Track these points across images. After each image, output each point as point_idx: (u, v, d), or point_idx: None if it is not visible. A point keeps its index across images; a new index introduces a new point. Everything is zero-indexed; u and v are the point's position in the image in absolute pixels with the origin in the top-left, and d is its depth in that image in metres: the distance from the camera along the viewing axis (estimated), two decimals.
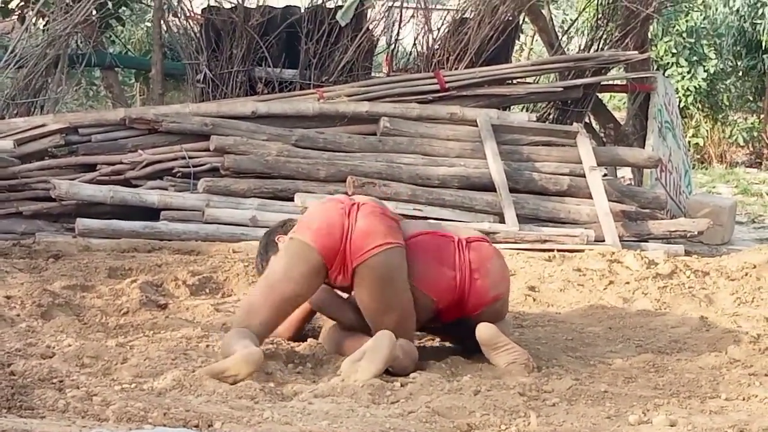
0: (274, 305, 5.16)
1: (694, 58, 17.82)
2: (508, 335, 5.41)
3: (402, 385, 4.75)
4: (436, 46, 11.03)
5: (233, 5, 10.79)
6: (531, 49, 18.56)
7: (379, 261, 5.16)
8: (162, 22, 10.97)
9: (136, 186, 9.05)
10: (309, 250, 5.17)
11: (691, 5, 17.20)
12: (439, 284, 5.34)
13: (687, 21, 17.76)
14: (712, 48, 18.04)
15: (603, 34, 11.72)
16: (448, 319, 5.49)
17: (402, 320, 5.25)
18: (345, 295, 5.51)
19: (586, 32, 13.00)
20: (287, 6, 11.31)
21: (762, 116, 19.30)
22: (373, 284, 5.20)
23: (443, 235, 5.50)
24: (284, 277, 5.17)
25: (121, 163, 9.11)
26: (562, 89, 10.98)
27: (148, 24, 14.91)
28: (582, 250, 8.81)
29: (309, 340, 5.61)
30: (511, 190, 9.39)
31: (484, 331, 5.26)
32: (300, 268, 5.17)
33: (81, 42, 11.11)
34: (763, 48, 18.35)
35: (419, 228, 5.58)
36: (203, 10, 11.11)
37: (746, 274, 7.94)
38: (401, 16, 11.55)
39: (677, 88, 16.98)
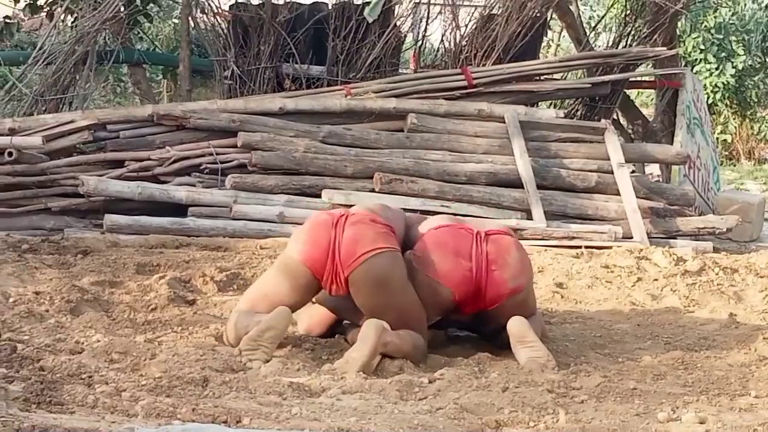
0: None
1: (723, 54, 17.72)
2: (538, 333, 5.41)
3: (430, 382, 4.76)
4: (464, 43, 11.01)
5: (261, 2, 10.80)
6: (558, 45, 18.48)
7: (370, 267, 5.23)
8: (189, 18, 11.00)
9: (163, 182, 9.06)
10: (295, 264, 5.31)
11: (719, 1, 17.11)
12: (455, 275, 5.38)
13: (715, 17, 17.68)
14: (741, 44, 17.94)
15: (631, 30, 11.68)
16: (469, 312, 5.54)
17: (404, 319, 5.30)
18: None
19: (614, 28, 12.93)
20: (315, 2, 11.31)
21: None
22: (367, 290, 5.27)
23: (462, 227, 5.56)
24: (272, 289, 5.38)
25: (149, 159, 9.12)
26: (590, 85, 10.95)
27: (176, 20, 14.97)
28: (610, 247, 8.78)
29: (336, 336, 5.62)
30: (539, 187, 9.37)
31: (515, 324, 5.33)
32: (287, 283, 5.33)
33: (109, 39, 11.15)
34: None
35: (440, 221, 5.65)
36: (231, 6, 11.12)
37: None
38: (428, 12, 11.53)
39: (705, 85, 16.89)
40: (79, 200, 8.84)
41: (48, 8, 11.84)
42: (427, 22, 11.53)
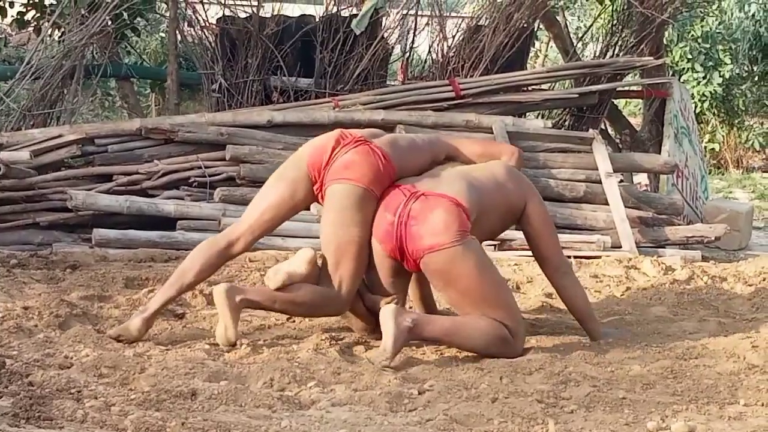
0: (262, 206, 5.86)
1: (710, 63, 17.79)
2: (428, 330, 5.52)
3: (420, 393, 4.75)
4: (451, 54, 11.04)
5: (248, 15, 10.82)
6: (546, 55, 18.53)
7: (334, 190, 5.67)
8: (177, 32, 11.00)
9: (152, 196, 9.06)
10: (301, 161, 5.84)
11: (706, 11, 17.18)
12: (380, 229, 5.61)
13: (702, 26, 17.74)
14: (728, 53, 18.01)
15: (618, 40, 11.72)
16: (410, 268, 5.69)
17: (351, 252, 5.64)
18: None
19: (601, 38, 12.98)
20: (302, 15, 11.34)
21: None
22: (326, 211, 5.74)
23: (405, 187, 5.68)
24: (276, 178, 5.89)
25: (138, 173, 9.12)
26: (577, 96, 10.98)
27: (163, 34, 14.97)
28: (599, 257, 8.79)
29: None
30: None
31: (382, 312, 5.45)
32: (291, 172, 5.85)
33: (96, 53, 11.15)
34: None
35: (407, 182, 5.75)
36: (218, 19, 11.14)
37: (764, 279, 7.90)
38: (416, 24, 11.56)
39: (693, 94, 16.94)
40: (68, 215, 8.84)
41: (35, 23, 11.84)
42: (414, 33, 11.55)
